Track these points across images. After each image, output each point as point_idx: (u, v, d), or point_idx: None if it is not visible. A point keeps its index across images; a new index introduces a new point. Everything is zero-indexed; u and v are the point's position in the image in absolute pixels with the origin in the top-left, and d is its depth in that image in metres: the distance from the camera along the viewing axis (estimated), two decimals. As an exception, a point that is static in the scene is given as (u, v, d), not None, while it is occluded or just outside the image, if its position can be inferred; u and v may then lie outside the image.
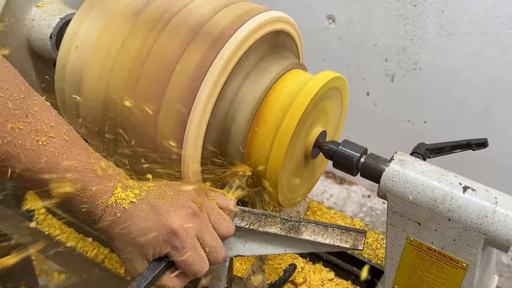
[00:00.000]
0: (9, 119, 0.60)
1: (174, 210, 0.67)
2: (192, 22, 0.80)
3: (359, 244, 0.74)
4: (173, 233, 0.66)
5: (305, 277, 0.92)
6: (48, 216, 1.21)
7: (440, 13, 1.86)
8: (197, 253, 0.68)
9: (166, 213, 0.67)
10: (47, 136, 0.63)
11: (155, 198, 0.68)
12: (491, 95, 1.94)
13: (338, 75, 0.85)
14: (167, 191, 0.70)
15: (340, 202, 2.55)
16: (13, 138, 0.60)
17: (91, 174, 0.66)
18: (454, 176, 0.72)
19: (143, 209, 0.67)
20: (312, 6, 2.14)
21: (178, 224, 0.66)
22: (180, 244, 0.66)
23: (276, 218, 0.77)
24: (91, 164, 0.66)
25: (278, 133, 0.78)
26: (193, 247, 0.67)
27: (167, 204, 0.68)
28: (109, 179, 0.68)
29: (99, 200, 0.66)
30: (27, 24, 1.00)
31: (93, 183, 0.66)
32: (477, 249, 0.71)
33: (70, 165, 0.64)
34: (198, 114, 0.76)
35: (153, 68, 0.78)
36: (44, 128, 0.63)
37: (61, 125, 0.66)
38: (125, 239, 0.67)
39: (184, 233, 0.67)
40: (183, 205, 0.68)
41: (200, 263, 0.68)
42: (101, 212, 0.67)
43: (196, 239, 0.68)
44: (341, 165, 0.82)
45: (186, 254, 0.67)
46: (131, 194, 0.68)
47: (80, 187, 0.65)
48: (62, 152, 0.64)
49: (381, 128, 2.31)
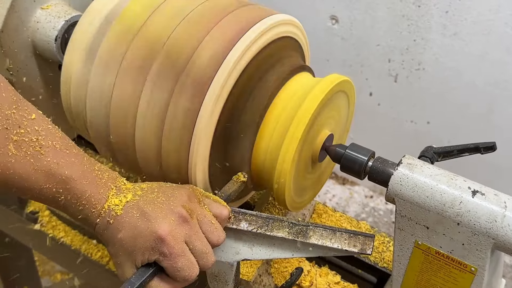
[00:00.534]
0: (1, 130, 0.60)
1: (163, 216, 0.67)
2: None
3: (368, 248, 0.74)
4: (160, 240, 0.66)
5: (312, 280, 0.92)
6: (52, 218, 1.21)
7: (444, 14, 1.86)
8: (186, 258, 0.67)
9: (155, 220, 0.67)
10: (41, 146, 0.63)
11: (146, 204, 0.68)
12: (495, 96, 1.94)
13: (345, 78, 0.85)
14: (159, 196, 0.70)
15: (343, 202, 2.55)
16: (6, 150, 0.60)
17: (85, 181, 0.66)
18: (463, 180, 0.72)
19: (133, 215, 0.67)
20: (315, 6, 2.14)
21: (166, 230, 0.66)
22: (168, 250, 0.66)
23: (283, 222, 0.77)
24: (85, 171, 0.67)
25: (286, 137, 0.78)
26: (181, 253, 0.67)
27: (157, 210, 0.68)
28: (104, 185, 0.68)
29: (94, 207, 0.67)
30: (32, 26, 1.00)
31: (87, 191, 0.66)
32: (486, 254, 0.71)
33: (64, 173, 0.65)
34: (207, 114, 0.76)
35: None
36: (37, 137, 0.63)
37: (54, 134, 0.66)
38: (116, 245, 0.68)
39: (172, 239, 0.66)
40: (173, 211, 0.68)
41: (189, 268, 0.68)
42: (95, 218, 0.67)
43: (185, 245, 0.68)
44: (349, 168, 0.81)
45: (175, 260, 0.67)
46: (124, 200, 0.68)
47: (74, 195, 0.65)
48: (56, 161, 0.64)
49: (384, 128, 2.31)
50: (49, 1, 1.01)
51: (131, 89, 0.81)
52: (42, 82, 1.06)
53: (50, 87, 1.07)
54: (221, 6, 0.84)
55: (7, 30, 0.95)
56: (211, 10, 0.83)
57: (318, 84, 0.81)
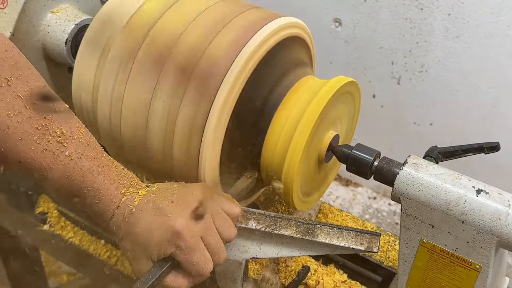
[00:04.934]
0: (27, 119, 0.62)
1: (179, 211, 0.69)
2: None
3: (374, 246, 0.75)
4: (177, 234, 0.68)
5: (318, 279, 0.93)
6: (61, 219, 1.22)
7: (447, 16, 1.87)
8: (201, 253, 0.69)
9: (172, 214, 0.68)
10: (64, 138, 0.65)
11: (161, 200, 0.70)
12: (497, 98, 1.95)
13: (351, 79, 0.86)
14: (175, 193, 0.72)
15: (346, 204, 2.56)
16: (30, 138, 0.63)
17: (103, 176, 0.68)
18: (468, 179, 0.73)
19: (149, 211, 0.69)
20: (319, 9, 2.15)
21: (182, 224, 0.68)
22: (184, 244, 0.68)
23: (291, 221, 0.78)
24: (104, 167, 0.69)
25: (294, 137, 0.79)
26: (197, 247, 0.69)
27: (173, 205, 0.70)
28: (120, 181, 0.70)
29: (110, 202, 0.69)
30: (42, 30, 1.01)
31: (106, 186, 0.68)
32: (490, 251, 0.72)
33: (83, 166, 0.67)
34: (217, 112, 0.78)
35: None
36: (60, 130, 0.65)
37: (78, 128, 0.68)
38: (131, 240, 0.69)
39: (188, 233, 0.68)
40: (189, 207, 0.70)
41: (204, 263, 0.70)
42: (111, 214, 0.69)
43: (200, 240, 0.70)
44: (355, 168, 0.83)
45: (190, 254, 0.68)
46: (139, 196, 0.70)
47: (93, 189, 0.67)
48: (77, 154, 0.66)
49: (387, 130, 2.32)
50: (59, 5, 1.02)
51: (142, 92, 0.83)
52: (52, 85, 1.08)
53: (60, 90, 1.08)
54: (229, 9, 0.86)
55: (18, 33, 0.97)
56: (219, 14, 0.85)
57: (325, 85, 0.83)
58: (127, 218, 0.69)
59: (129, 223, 0.69)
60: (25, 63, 0.66)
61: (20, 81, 0.63)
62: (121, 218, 0.69)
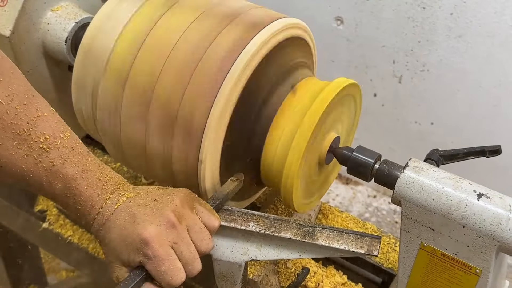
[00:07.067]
0: (8, 125, 0.62)
1: (151, 219, 0.68)
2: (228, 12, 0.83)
3: (374, 249, 0.75)
4: (145, 242, 0.66)
5: (318, 281, 0.93)
6: (60, 217, 1.22)
7: (449, 16, 1.87)
8: (171, 263, 0.67)
9: (142, 222, 0.67)
10: (47, 143, 0.65)
11: (137, 207, 0.69)
12: (500, 98, 1.94)
13: (352, 81, 0.86)
14: (151, 201, 0.70)
15: (346, 202, 2.56)
16: (10, 143, 0.62)
17: (86, 182, 0.68)
18: (469, 183, 0.73)
19: (123, 218, 0.68)
20: (320, 7, 2.14)
21: (151, 233, 0.66)
22: (152, 253, 0.66)
23: (291, 223, 0.78)
24: (88, 172, 0.68)
25: (295, 139, 0.79)
26: (166, 256, 0.67)
27: (147, 213, 0.68)
28: (103, 187, 0.70)
29: (91, 208, 0.68)
30: (42, 28, 1.01)
31: (88, 192, 0.68)
32: (491, 256, 0.72)
33: (66, 172, 0.66)
34: (217, 116, 0.78)
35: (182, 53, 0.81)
36: (44, 135, 0.65)
37: (62, 131, 0.67)
38: (107, 245, 0.69)
39: (157, 242, 0.66)
40: (161, 215, 0.68)
41: (174, 273, 0.67)
42: (92, 219, 0.69)
43: (171, 249, 0.68)
44: (356, 171, 0.83)
45: (158, 263, 0.66)
46: (118, 203, 0.69)
47: (75, 195, 0.67)
48: (60, 160, 0.66)
49: (388, 129, 2.31)
50: (59, 3, 1.02)
51: (135, 134, 0.85)
52: (52, 83, 1.08)
53: (60, 88, 1.08)
54: (231, 9, 0.85)
55: (18, 31, 0.97)
56: (221, 11, 0.84)
57: (326, 87, 0.82)
58: (105, 223, 0.68)
59: (105, 229, 0.68)
60: (8, 68, 0.64)
61: (1, 86, 0.62)
62: (99, 224, 0.69)
